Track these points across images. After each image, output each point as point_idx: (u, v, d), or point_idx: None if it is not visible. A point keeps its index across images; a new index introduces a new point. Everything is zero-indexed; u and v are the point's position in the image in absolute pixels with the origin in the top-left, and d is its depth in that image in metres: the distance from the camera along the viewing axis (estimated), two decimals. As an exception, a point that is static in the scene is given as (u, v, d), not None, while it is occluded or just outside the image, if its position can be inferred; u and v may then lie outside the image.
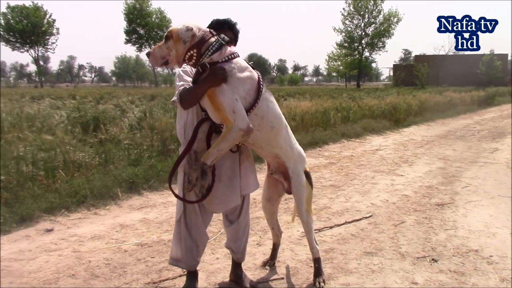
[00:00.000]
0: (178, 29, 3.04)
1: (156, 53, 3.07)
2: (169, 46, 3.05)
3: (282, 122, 3.43)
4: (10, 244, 4.49)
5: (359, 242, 4.75)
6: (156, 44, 3.29)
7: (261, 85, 3.25)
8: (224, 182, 3.44)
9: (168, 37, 3.04)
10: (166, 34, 3.05)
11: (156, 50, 3.08)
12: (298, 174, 3.58)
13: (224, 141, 3.10)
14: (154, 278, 3.80)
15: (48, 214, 5.33)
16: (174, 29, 3.06)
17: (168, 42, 3.05)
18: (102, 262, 4.12)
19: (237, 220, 3.63)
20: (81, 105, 14.29)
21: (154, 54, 3.07)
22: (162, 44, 3.07)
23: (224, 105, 3.06)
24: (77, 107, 12.69)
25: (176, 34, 3.03)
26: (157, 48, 3.08)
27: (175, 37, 3.03)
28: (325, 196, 6.57)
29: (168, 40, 3.05)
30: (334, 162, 9.18)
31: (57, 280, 3.71)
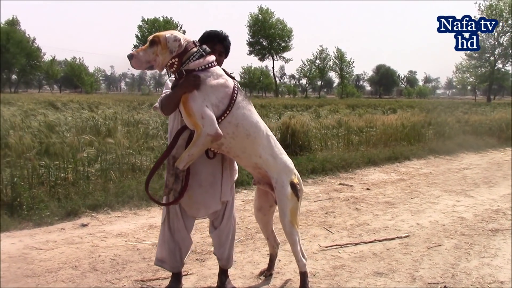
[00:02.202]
0: (166, 36, 3.14)
1: (141, 57, 3.16)
2: (155, 52, 3.15)
3: (260, 131, 3.41)
4: (42, 235, 4.95)
5: (376, 262, 4.51)
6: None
7: (235, 94, 3.28)
8: (205, 188, 3.51)
9: (155, 42, 3.15)
10: (153, 39, 3.15)
11: (140, 53, 3.16)
12: (282, 185, 3.52)
13: (194, 146, 3.19)
14: (146, 277, 3.96)
15: (92, 210, 5.76)
16: (161, 36, 3.16)
17: (154, 48, 3.15)
18: (109, 257, 4.37)
19: (219, 226, 3.67)
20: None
21: (138, 57, 3.15)
22: (146, 48, 3.16)
23: (194, 111, 3.15)
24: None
25: (164, 41, 3.14)
26: (142, 52, 3.16)
27: (162, 45, 3.15)
28: (371, 212, 6.29)
29: (154, 45, 3.15)
30: (405, 179, 8.73)
31: (59, 269, 4.02)
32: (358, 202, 6.81)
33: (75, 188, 6.09)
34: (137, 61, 3.16)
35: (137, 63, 3.16)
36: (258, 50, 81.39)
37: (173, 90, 3.28)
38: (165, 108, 3.35)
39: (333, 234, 5.33)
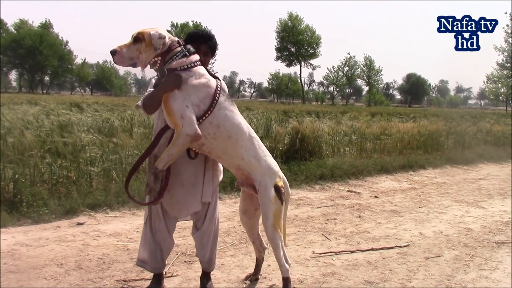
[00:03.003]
0: (150, 33, 3.10)
1: (124, 53, 3.10)
2: (138, 49, 3.11)
3: (242, 133, 3.35)
4: (36, 232, 4.98)
5: (368, 271, 4.39)
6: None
7: (217, 94, 3.24)
8: (187, 188, 3.46)
9: (139, 39, 3.10)
10: (137, 36, 3.10)
11: (124, 50, 3.10)
12: (266, 188, 3.46)
13: (173, 146, 3.15)
14: (129, 277, 3.93)
15: (91, 210, 5.78)
16: (146, 33, 3.10)
17: (138, 45, 3.10)
18: (97, 256, 4.36)
19: (201, 228, 3.62)
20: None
21: (121, 53, 3.10)
22: (130, 44, 3.11)
23: (174, 110, 3.11)
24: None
25: (148, 38, 3.09)
26: (125, 48, 3.10)
27: (147, 42, 3.10)
28: (374, 220, 6.14)
29: (137, 42, 3.10)
30: (416, 188, 8.53)
31: (44, 266, 4.02)
32: (363, 210, 6.67)
33: (77, 187, 6.12)
34: (120, 57, 3.11)
35: (119, 59, 3.11)
36: (286, 56, 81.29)
37: (155, 89, 3.26)
38: (147, 107, 3.32)
39: (330, 241, 5.22)
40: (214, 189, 3.65)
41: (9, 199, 5.57)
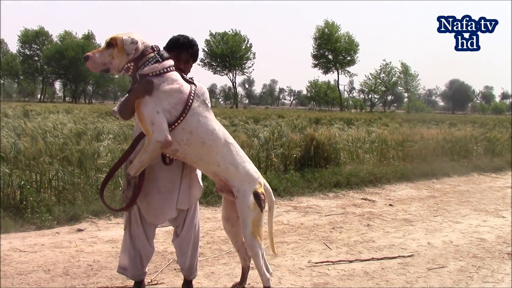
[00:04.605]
0: (123, 39, 3.08)
1: (97, 58, 3.10)
2: (111, 54, 3.09)
3: (217, 139, 3.28)
4: (34, 238, 5.03)
5: (363, 281, 4.23)
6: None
7: (190, 100, 3.18)
8: (164, 195, 3.42)
9: (111, 45, 3.09)
10: (110, 41, 3.09)
11: (96, 55, 3.10)
12: (244, 194, 3.37)
13: (144, 153, 3.12)
14: (114, 284, 3.90)
15: (94, 216, 5.81)
16: (118, 38, 3.09)
17: (111, 50, 3.09)
18: (87, 263, 4.35)
19: (180, 235, 3.57)
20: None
21: (94, 59, 3.10)
22: (103, 49, 3.11)
23: (145, 117, 3.09)
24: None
25: (120, 44, 3.07)
26: (98, 53, 3.11)
27: (119, 47, 3.08)
28: (383, 229, 5.94)
29: (110, 47, 3.09)
30: (436, 196, 8.23)
31: (31, 272, 4.04)
32: (373, 218, 6.47)
33: (82, 194, 6.18)
34: (92, 63, 3.10)
35: (92, 64, 3.11)
36: (323, 63, 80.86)
37: (128, 95, 3.24)
38: (122, 112, 3.31)
39: (330, 250, 5.07)
40: (192, 196, 3.58)
41: (15, 205, 5.66)
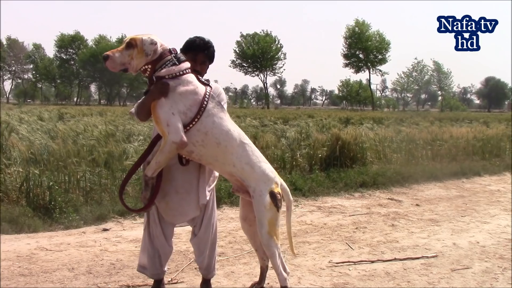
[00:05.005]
0: (142, 39, 3.12)
1: (116, 58, 3.13)
2: (130, 54, 3.13)
3: (232, 139, 3.31)
4: (61, 237, 5.16)
5: (384, 282, 4.19)
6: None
7: (205, 101, 3.22)
8: (182, 195, 3.47)
9: (131, 45, 3.12)
10: (129, 42, 3.13)
11: (116, 55, 3.13)
12: (260, 194, 3.39)
13: (160, 154, 3.17)
14: (135, 282, 3.97)
15: (120, 216, 5.93)
16: (138, 39, 3.13)
17: (130, 50, 3.12)
18: (110, 261, 4.45)
19: (198, 234, 3.61)
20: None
21: (113, 58, 3.13)
22: (122, 49, 3.14)
23: (161, 118, 3.14)
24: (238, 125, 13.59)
25: (140, 44, 3.11)
26: (118, 53, 3.13)
27: (139, 48, 3.12)
28: (407, 229, 5.87)
29: (130, 48, 3.12)
30: (465, 196, 8.07)
31: (55, 270, 4.15)
32: (398, 218, 6.40)
33: (109, 194, 6.31)
34: (112, 63, 3.13)
35: (111, 64, 3.13)
36: (354, 62, 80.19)
37: (144, 97, 3.30)
38: (139, 114, 3.37)
39: (352, 250, 5.04)
40: (211, 193, 3.62)
41: (44, 205, 5.82)
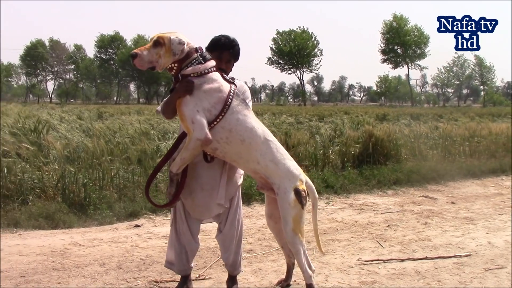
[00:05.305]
0: (171, 38, 3.15)
1: (144, 56, 3.15)
2: (158, 53, 3.16)
3: (256, 136, 3.32)
4: (94, 233, 5.29)
5: (414, 281, 4.11)
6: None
7: (229, 99, 3.25)
8: (207, 192, 3.50)
9: (159, 43, 3.15)
10: (157, 40, 3.16)
11: (144, 53, 3.16)
12: (285, 191, 3.39)
13: (185, 150, 3.22)
14: (162, 278, 4.03)
15: (152, 213, 6.03)
16: (166, 37, 3.16)
17: (158, 48, 3.15)
18: (140, 257, 4.53)
19: (223, 231, 3.64)
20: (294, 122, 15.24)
21: (142, 57, 3.15)
22: (150, 47, 3.16)
23: (186, 115, 3.19)
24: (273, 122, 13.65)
25: (168, 43, 3.14)
26: (146, 51, 3.16)
27: (167, 47, 3.15)
28: (441, 228, 5.75)
29: (158, 46, 3.15)
30: (503, 194, 7.85)
31: (87, 265, 4.26)
32: (432, 216, 6.27)
33: (142, 191, 6.41)
34: (140, 61, 3.15)
35: (139, 62, 3.16)
36: (392, 58, 78.90)
37: (170, 94, 3.34)
38: (165, 112, 3.42)
39: (382, 249, 4.97)
40: (234, 192, 3.64)
41: (79, 202, 5.97)
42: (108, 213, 5.79)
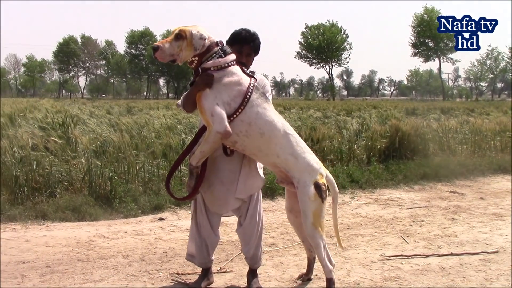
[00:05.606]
0: (192, 33, 3.16)
1: (166, 49, 3.16)
2: (180, 46, 3.17)
3: (276, 129, 3.31)
4: (119, 225, 5.38)
5: (438, 277, 4.04)
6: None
7: (249, 92, 3.24)
8: (227, 186, 3.52)
9: (181, 37, 3.16)
10: (179, 33, 3.16)
11: (166, 45, 3.16)
12: (305, 185, 3.37)
13: (205, 143, 3.24)
14: (184, 271, 4.06)
15: (176, 206, 6.10)
16: (188, 31, 3.16)
17: (180, 42, 3.16)
18: (163, 250, 4.58)
19: (243, 224, 3.64)
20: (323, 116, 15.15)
21: (163, 50, 3.16)
22: (171, 40, 3.17)
23: (205, 108, 3.20)
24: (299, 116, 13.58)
25: (190, 37, 3.15)
26: (167, 44, 3.17)
27: (188, 41, 3.16)
28: (468, 224, 5.63)
29: (179, 39, 3.16)
30: (536, 189, 7.63)
31: (111, 257, 4.33)
32: (459, 212, 6.15)
33: (167, 185, 6.47)
34: (161, 53, 3.16)
35: (161, 55, 3.17)
36: (423, 51, 77.53)
37: (190, 88, 3.36)
38: (185, 105, 3.44)
39: (406, 244, 4.90)
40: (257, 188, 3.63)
41: (105, 195, 6.07)
42: (133, 206, 5.87)
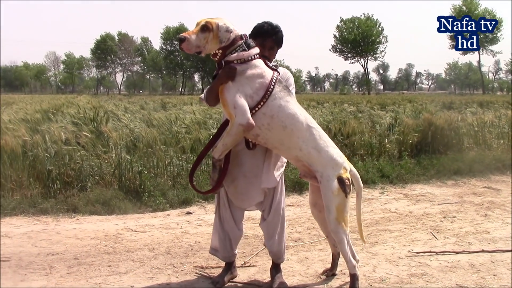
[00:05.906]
0: (219, 25, 3.17)
1: (193, 41, 3.16)
2: (206, 38, 3.17)
3: (298, 123, 3.29)
4: (147, 219, 5.44)
5: (467, 274, 3.94)
6: None
7: (272, 85, 3.23)
8: (250, 179, 3.51)
9: (207, 29, 3.16)
10: (205, 25, 3.16)
11: (192, 37, 3.16)
12: (328, 179, 3.34)
13: (227, 136, 3.25)
14: (208, 264, 4.08)
15: (204, 200, 6.14)
16: (214, 23, 3.17)
17: (206, 34, 3.16)
18: (189, 243, 4.62)
19: (267, 218, 3.63)
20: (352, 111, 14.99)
21: (190, 41, 3.16)
22: (198, 32, 3.16)
23: (228, 101, 3.21)
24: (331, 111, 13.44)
25: (216, 30, 3.16)
26: (193, 35, 3.16)
27: (214, 33, 3.16)
28: (502, 220, 5.47)
29: (206, 31, 3.16)
30: None
31: (137, 250, 4.39)
32: (493, 208, 5.97)
33: (195, 179, 6.51)
34: (188, 44, 3.16)
35: (187, 46, 3.17)
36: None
37: (213, 81, 3.36)
38: (208, 99, 3.44)
39: (436, 240, 4.79)
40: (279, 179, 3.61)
41: (134, 189, 6.16)
42: (161, 200, 5.94)
